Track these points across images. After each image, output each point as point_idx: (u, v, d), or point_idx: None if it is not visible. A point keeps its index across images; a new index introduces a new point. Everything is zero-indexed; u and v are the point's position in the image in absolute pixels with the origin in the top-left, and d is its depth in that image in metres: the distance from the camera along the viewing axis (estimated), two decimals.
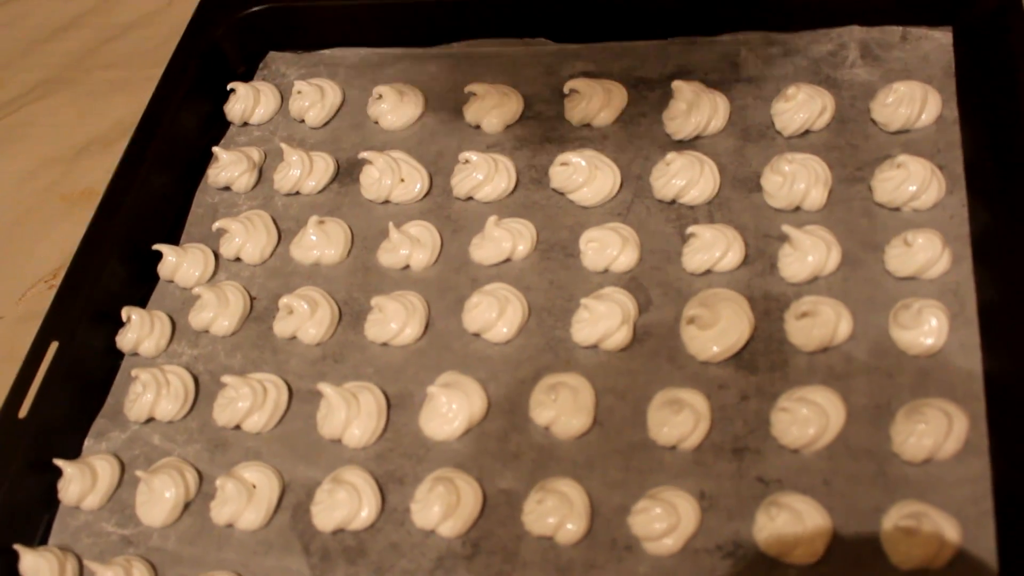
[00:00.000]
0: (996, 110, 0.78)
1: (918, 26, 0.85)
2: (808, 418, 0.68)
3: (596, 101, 0.86)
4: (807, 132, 0.82)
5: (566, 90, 0.87)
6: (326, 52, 0.97)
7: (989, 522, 0.63)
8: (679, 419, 0.70)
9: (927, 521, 0.63)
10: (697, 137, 0.84)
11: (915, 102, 0.80)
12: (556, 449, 0.72)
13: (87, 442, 0.78)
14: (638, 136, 0.86)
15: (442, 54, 0.94)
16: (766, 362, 0.73)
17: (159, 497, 0.73)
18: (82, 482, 0.74)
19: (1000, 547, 0.62)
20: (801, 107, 0.82)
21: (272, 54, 0.99)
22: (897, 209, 0.77)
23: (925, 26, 0.85)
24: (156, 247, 0.85)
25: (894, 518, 0.65)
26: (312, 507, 0.72)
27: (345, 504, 0.70)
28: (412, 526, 0.70)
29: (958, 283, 0.73)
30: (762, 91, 0.86)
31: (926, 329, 0.70)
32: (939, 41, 0.85)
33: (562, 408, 0.72)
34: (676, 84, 0.83)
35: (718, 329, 0.73)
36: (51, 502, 0.75)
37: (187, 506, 0.74)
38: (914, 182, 0.76)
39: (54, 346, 0.78)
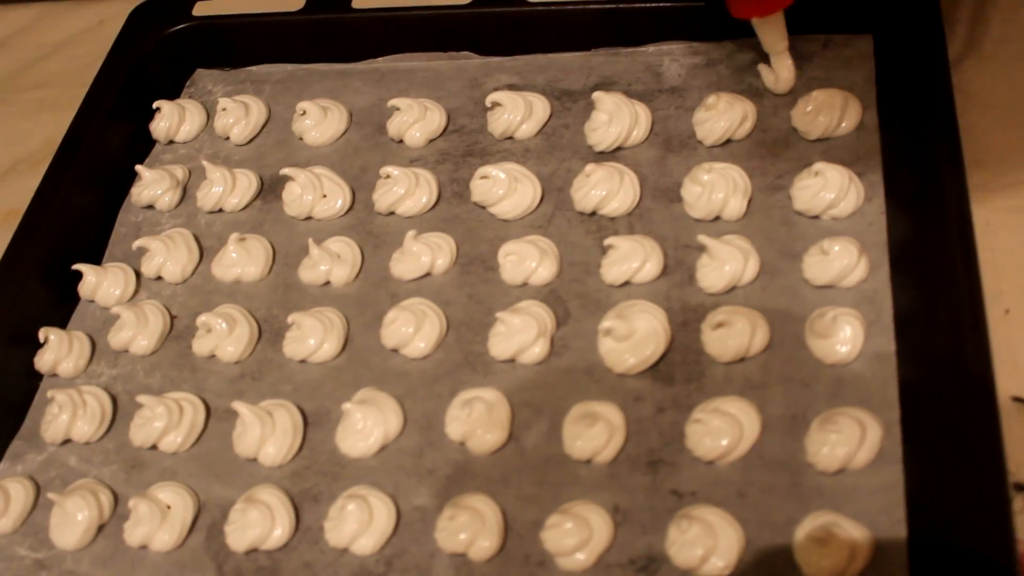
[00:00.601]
0: (915, 117, 0.77)
1: (840, 33, 0.85)
2: (721, 429, 0.67)
3: (518, 114, 0.85)
4: (728, 141, 0.82)
5: (488, 103, 0.87)
6: (253, 69, 0.97)
7: (902, 531, 0.63)
8: (593, 432, 0.69)
9: (839, 531, 0.62)
10: (619, 148, 0.83)
11: (834, 110, 0.80)
12: (471, 465, 0.71)
13: (2, 465, 0.77)
14: (560, 148, 0.85)
15: (368, 69, 0.94)
16: (683, 373, 0.72)
17: (72, 520, 0.72)
18: None
19: (911, 556, 0.62)
20: (722, 116, 0.81)
21: (199, 71, 0.98)
22: (816, 217, 0.77)
23: (847, 33, 0.85)
24: (76, 267, 0.84)
25: (806, 529, 0.64)
26: (225, 527, 0.71)
27: (258, 524, 0.69)
28: (326, 545, 0.69)
29: (875, 290, 0.72)
30: (685, 101, 0.86)
31: (841, 337, 0.70)
32: (860, 48, 0.84)
33: (477, 423, 0.71)
34: (597, 95, 0.83)
35: (634, 341, 0.73)
36: None
37: (100, 528, 0.73)
38: (832, 190, 0.76)
39: None
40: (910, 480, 0.65)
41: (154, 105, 0.93)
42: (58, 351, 0.80)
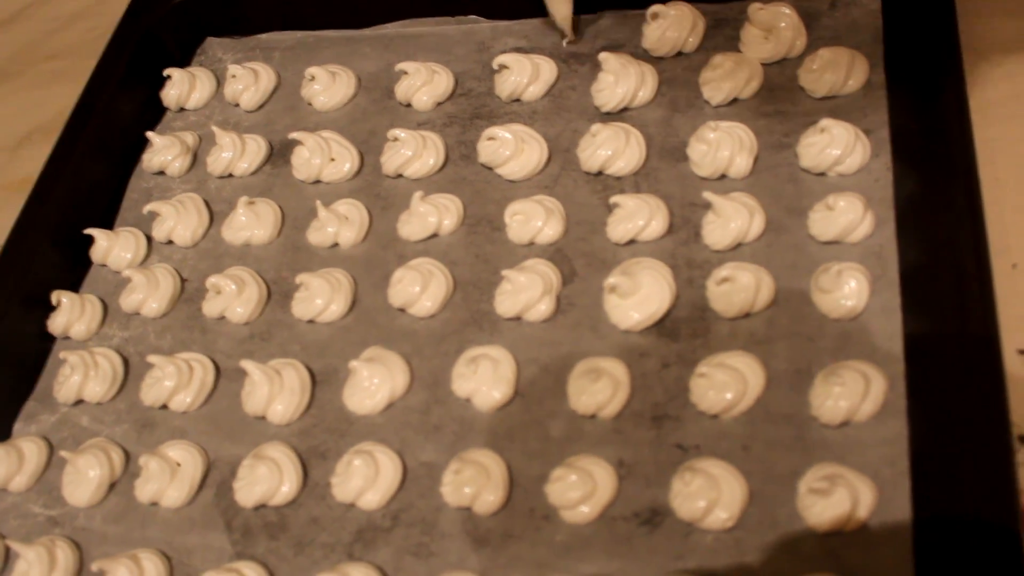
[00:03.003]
0: (922, 75, 0.77)
1: None
2: (726, 383, 0.68)
3: (525, 76, 0.86)
4: (735, 101, 0.82)
5: (495, 66, 0.87)
6: (263, 36, 0.98)
7: (905, 483, 0.63)
8: (597, 387, 0.69)
9: (842, 483, 0.62)
10: (625, 109, 0.83)
11: (841, 68, 0.79)
12: (476, 421, 0.72)
13: (17, 425, 0.79)
14: (567, 109, 0.85)
15: (376, 35, 0.95)
16: (688, 329, 0.72)
17: (84, 477, 0.73)
18: (8, 464, 0.74)
19: (915, 507, 0.62)
20: (728, 75, 0.81)
21: (209, 40, 0.99)
22: (822, 174, 0.76)
23: None
24: (88, 231, 0.85)
25: (810, 481, 0.64)
26: (234, 483, 0.72)
27: (266, 480, 0.70)
28: (332, 500, 0.70)
29: (881, 246, 0.72)
30: (691, 61, 0.85)
31: (846, 291, 0.69)
32: (868, 7, 0.84)
33: (482, 380, 0.72)
34: (603, 56, 0.83)
35: (639, 297, 0.73)
36: None
37: (112, 486, 0.74)
38: (838, 146, 0.75)
39: None
40: (914, 432, 0.65)
41: (165, 73, 0.94)
42: (70, 314, 0.81)
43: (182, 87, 0.93)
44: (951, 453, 0.61)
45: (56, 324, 0.81)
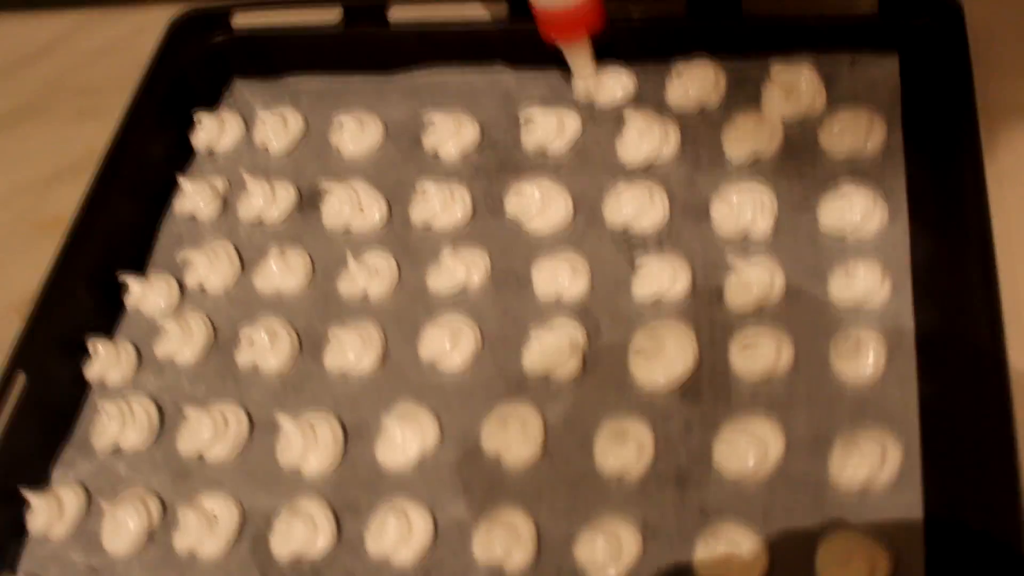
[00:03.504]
0: (939, 139, 0.79)
1: (866, 52, 0.87)
2: (747, 450, 0.70)
3: (551, 130, 0.87)
4: (756, 159, 0.84)
5: (522, 120, 0.89)
6: (290, 80, 0.99)
7: (920, 551, 0.65)
8: (623, 450, 0.72)
9: (860, 551, 0.65)
10: (649, 165, 0.86)
11: (860, 130, 0.82)
12: (505, 479, 0.74)
13: (55, 472, 0.81)
14: (591, 163, 0.87)
15: (402, 81, 0.96)
16: (711, 392, 0.75)
17: (123, 527, 0.75)
18: (49, 513, 0.76)
19: (928, 574, 0.65)
20: (750, 135, 0.83)
21: (238, 82, 1.00)
22: (842, 237, 0.79)
23: (873, 52, 0.87)
24: (122, 278, 0.87)
25: (829, 548, 0.67)
26: (270, 537, 0.74)
27: (301, 534, 0.73)
28: (366, 555, 0.72)
29: (898, 312, 0.75)
30: (713, 117, 0.87)
31: (864, 361, 0.72)
32: (886, 67, 0.86)
33: (512, 438, 0.74)
34: (628, 112, 0.85)
35: (664, 360, 0.75)
36: (20, 532, 0.78)
37: (151, 535, 0.76)
38: (857, 212, 0.78)
39: (21, 377, 0.80)
40: (928, 500, 0.67)
41: (195, 117, 0.96)
42: (106, 361, 0.83)
43: (212, 131, 0.95)
44: (965, 524, 0.64)
45: (93, 371, 0.83)
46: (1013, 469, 0.63)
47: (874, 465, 0.68)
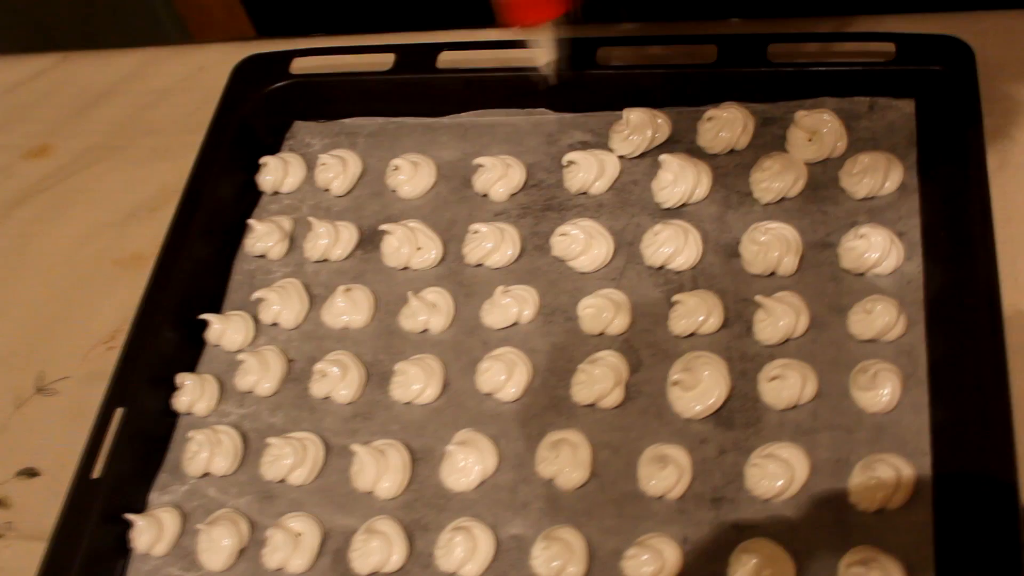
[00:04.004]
0: (949, 180, 0.86)
1: (884, 97, 0.94)
2: (776, 473, 0.78)
3: (592, 172, 0.95)
4: (782, 199, 0.91)
5: (564, 162, 0.96)
6: (346, 121, 1.06)
7: (930, 566, 0.73)
8: (665, 473, 0.80)
9: (876, 565, 0.73)
10: (683, 205, 0.93)
11: (879, 172, 0.88)
12: (559, 499, 0.82)
13: (152, 495, 0.89)
14: (630, 204, 0.95)
15: (452, 124, 1.03)
16: (742, 419, 0.82)
17: (218, 545, 0.84)
18: (150, 533, 0.85)
19: None
20: (776, 176, 0.90)
21: (297, 124, 1.08)
22: (861, 275, 0.86)
23: (891, 97, 0.93)
24: (203, 316, 0.95)
25: (849, 562, 0.75)
26: (350, 553, 0.82)
27: (378, 551, 0.81)
28: (437, 569, 0.81)
29: (912, 345, 0.82)
30: (743, 158, 0.94)
31: (881, 391, 0.79)
32: (903, 111, 0.93)
33: (564, 462, 0.82)
34: (663, 157, 0.92)
35: (699, 390, 0.83)
36: (124, 550, 0.86)
37: (242, 552, 0.85)
38: (875, 250, 0.85)
39: (119, 411, 0.89)
40: (939, 519, 0.75)
41: (260, 160, 1.03)
42: (193, 394, 0.92)
43: (276, 173, 1.03)
44: (973, 539, 0.72)
45: (181, 403, 0.92)
46: (1014, 487, 0.71)
47: (889, 488, 0.75)
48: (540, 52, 0.94)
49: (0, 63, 1.31)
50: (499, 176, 0.97)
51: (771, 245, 0.87)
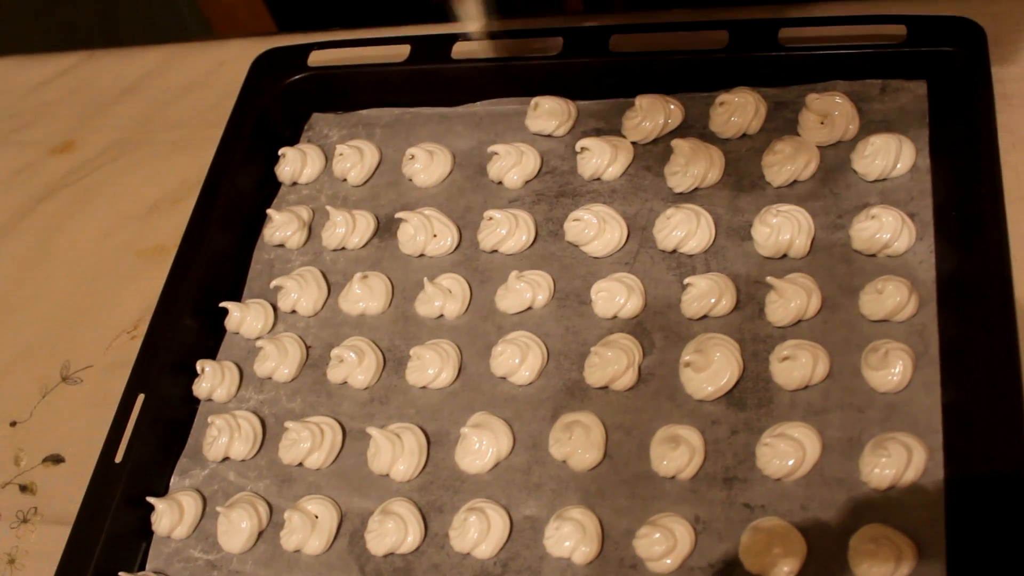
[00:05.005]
0: (961, 161, 0.86)
1: (896, 79, 0.94)
2: (787, 452, 0.78)
3: (605, 158, 0.96)
4: (794, 182, 0.91)
5: (578, 148, 0.97)
6: (363, 112, 1.08)
7: (941, 542, 0.73)
8: (677, 453, 0.80)
9: (887, 542, 0.73)
10: (696, 189, 0.93)
11: (890, 154, 0.88)
12: (572, 480, 0.83)
13: (173, 479, 0.91)
14: (643, 189, 0.95)
15: (467, 113, 1.05)
16: (754, 399, 0.83)
17: (237, 527, 0.86)
18: (171, 516, 0.87)
19: (949, 566, 0.73)
20: (788, 159, 0.91)
21: (315, 115, 1.10)
22: (873, 256, 0.86)
23: (902, 79, 0.93)
24: (223, 304, 0.97)
25: (859, 539, 0.75)
26: (366, 534, 0.84)
27: (394, 532, 0.82)
28: (451, 550, 0.82)
29: (923, 325, 0.82)
30: (754, 142, 0.95)
31: (892, 370, 0.80)
32: (915, 93, 0.93)
33: (577, 444, 0.83)
34: (675, 143, 0.93)
35: (711, 371, 0.83)
36: (146, 533, 0.89)
37: (260, 534, 0.87)
38: (887, 231, 0.85)
39: (141, 397, 0.91)
40: (950, 498, 0.75)
41: (279, 152, 1.05)
42: (213, 380, 0.93)
43: (295, 164, 1.04)
44: (984, 520, 0.72)
45: (201, 389, 0.94)
46: None
47: (900, 466, 0.76)
48: (465, 13, 0.96)
49: (26, 62, 1.34)
50: (513, 163, 0.98)
51: (783, 227, 0.87)
